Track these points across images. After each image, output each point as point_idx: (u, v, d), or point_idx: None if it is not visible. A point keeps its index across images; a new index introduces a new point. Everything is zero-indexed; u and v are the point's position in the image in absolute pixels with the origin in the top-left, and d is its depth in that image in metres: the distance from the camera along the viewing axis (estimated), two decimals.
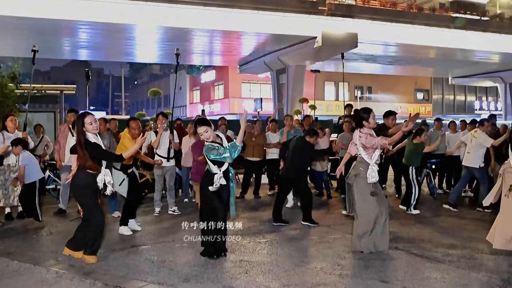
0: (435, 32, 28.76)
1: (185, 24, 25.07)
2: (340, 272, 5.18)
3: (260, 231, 7.29)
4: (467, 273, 5.17)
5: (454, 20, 29.58)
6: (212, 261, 5.58)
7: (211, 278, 4.96)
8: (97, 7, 22.72)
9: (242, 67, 35.08)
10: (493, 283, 4.83)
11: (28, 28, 24.70)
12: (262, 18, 25.65)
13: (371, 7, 27.87)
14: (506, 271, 5.24)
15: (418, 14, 28.71)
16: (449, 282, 4.88)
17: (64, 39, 29.94)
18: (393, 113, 7.93)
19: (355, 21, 27.11)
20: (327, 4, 26.66)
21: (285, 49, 29.37)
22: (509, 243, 6.13)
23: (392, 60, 34.38)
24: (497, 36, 30.51)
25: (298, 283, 4.82)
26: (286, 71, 30.67)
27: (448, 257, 5.76)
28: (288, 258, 5.79)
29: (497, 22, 31.85)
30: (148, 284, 4.81)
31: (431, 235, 6.98)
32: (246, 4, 25.19)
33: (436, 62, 35.66)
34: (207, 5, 24.69)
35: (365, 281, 4.90)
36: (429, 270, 5.29)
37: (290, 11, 26.01)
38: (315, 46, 27.08)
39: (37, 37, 27.64)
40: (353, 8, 27.38)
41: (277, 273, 5.17)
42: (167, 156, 8.55)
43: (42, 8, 22.28)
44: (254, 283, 4.82)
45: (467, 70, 37.95)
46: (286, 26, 26.13)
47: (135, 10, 23.44)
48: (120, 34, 27.28)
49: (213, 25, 25.48)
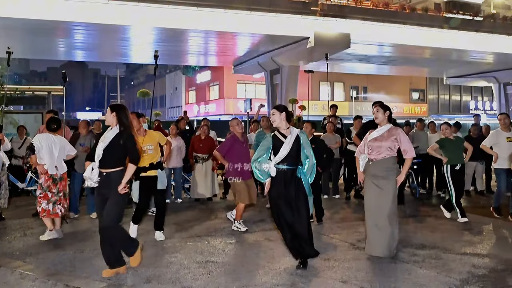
0: (428, 32, 28.79)
1: (178, 25, 25.12)
2: (303, 273, 5.21)
3: (233, 232, 7.33)
4: (428, 273, 5.21)
5: (447, 21, 29.62)
6: (177, 262, 5.63)
7: (173, 279, 5.00)
8: (92, 8, 22.74)
9: (237, 67, 35.12)
10: (451, 283, 4.86)
11: (21, 29, 24.71)
12: (255, 19, 25.68)
13: (364, 8, 27.92)
14: (468, 271, 5.26)
15: (411, 15, 28.75)
16: (407, 282, 4.91)
17: (59, 40, 29.98)
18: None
19: (347, 21, 27.16)
20: (320, 4, 26.71)
21: (278, 50, 29.43)
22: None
23: (386, 60, 34.41)
24: (490, 36, 30.53)
25: (258, 284, 4.86)
26: (280, 72, 30.69)
27: (414, 258, 5.80)
28: (255, 259, 5.83)
29: (491, 22, 31.88)
30: (109, 285, 4.84)
31: (404, 235, 7.00)
32: (239, 5, 25.22)
33: (431, 62, 35.69)
34: (199, 5, 24.74)
35: (325, 281, 4.94)
36: (391, 271, 5.33)
37: (282, 12, 26.07)
38: (308, 46, 27.14)
39: (31, 38, 27.76)
40: (345, 8, 27.43)
41: (240, 273, 5.20)
42: None
43: (36, 9, 22.29)
44: (214, 284, 4.86)
45: (462, 70, 38.01)
46: (278, 26, 26.18)
47: (129, 11, 23.48)
48: (115, 35, 27.33)
49: (205, 25, 25.53)
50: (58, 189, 6.92)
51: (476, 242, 6.70)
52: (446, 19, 30.04)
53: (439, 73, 41.28)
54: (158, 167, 6.70)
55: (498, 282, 4.89)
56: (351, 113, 41.01)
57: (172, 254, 6.04)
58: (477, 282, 4.87)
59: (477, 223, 8.02)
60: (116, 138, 5.00)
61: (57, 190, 6.90)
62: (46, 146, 6.83)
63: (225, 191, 10.97)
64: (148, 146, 6.60)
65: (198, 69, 43.40)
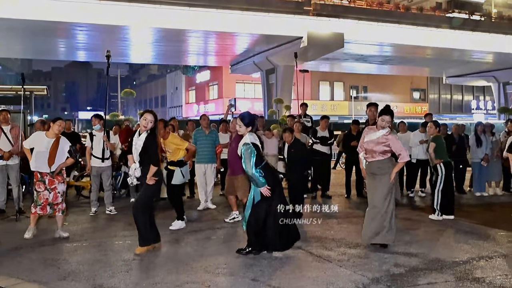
0: (423, 31, 28.71)
1: (174, 25, 25.33)
2: (220, 271, 5.27)
3: (172, 232, 7.31)
4: (344, 271, 5.25)
5: (443, 20, 29.50)
6: (104, 260, 5.72)
7: (87, 277, 5.07)
8: (92, 9, 23.08)
9: (234, 67, 35.27)
10: (360, 281, 4.89)
11: (24, 29, 25.02)
12: (248, 19, 25.77)
13: (357, 7, 27.90)
14: (386, 270, 5.28)
15: (405, 14, 28.71)
16: (318, 280, 4.95)
17: (59, 40, 30.32)
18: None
19: (341, 21, 27.16)
20: (313, 4, 26.73)
21: (273, 49, 29.54)
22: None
23: (383, 60, 34.35)
24: (487, 35, 30.35)
25: (169, 281, 4.92)
26: (275, 71, 30.76)
27: (340, 257, 5.83)
28: (182, 257, 5.89)
29: (490, 21, 31.70)
30: (23, 282, 4.93)
31: (346, 235, 7.03)
32: (232, 5, 25.34)
33: (430, 62, 35.57)
34: (192, 5, 24.88)
35: (236, 280, 5.00)
36: (309, 269, 5.37)
37: (275, 11, 26.13)
38: (301, 46, 27.16)
39: (33, 39, 28.12)
40: (338, 8, 27.45)
41: (158, 271, 5.27)
42: (101, 156, 8.72)
43: (38, 10, 22.57)
44: (125, 281, 4.93)
45: (461, 69, 37.83)
46: (272, 26, 26.28)
47: (129, 12, 23.79)
48: (115, 35, 27.65)
49: (200, 25, 25.70)
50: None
51: (414, 241, 6.71)
52: (441, 18, 29.92)
53: (439, 73, 41.09)
54: (177, 165, 7.56)
55: (408, 282, 4.91)
56: (351, 113, 40.99)
57: (104, 252, 6.13)
58: (387, 281, 4.90)
59: (427, 223, 8.02)
60: (146, 141, 5.92)
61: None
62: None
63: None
64: (168, 149, 7.64)
65: (198, 68, 43.60)
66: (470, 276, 5.14)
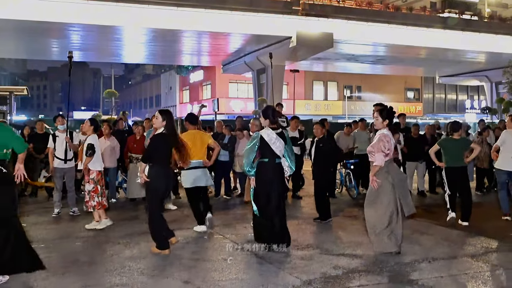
0: (414, 31, 28.69)
1: (164, 25, 25.39)
2: (154, 273, 5.27)
3: (128, 233, 7.37)
4: (280, 272, 5.25)
5: (434, 19, 29.46)
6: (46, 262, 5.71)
7: (25, 279, 5.05)
8: (86, 9, 23.18)
9: (225, 67, 35.30)
10: (292, 283, 4.88)
11: (16, 29, 25.10)
12: (237, 19, 25.79)
13: (346, 7, 27.89)
14: (323, 272, 5.26)
15: (395, 14, 28.66)
16: (250, 282, 4.94)
17: (53, 40, 30.40)
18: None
19: (330, 21, 27.15)
20: (301, 4, 26.72)
21: (263, 49, 29.52)
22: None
23: (374, 60, 34.32)
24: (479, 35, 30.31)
25: (99, 284, 4.92)
26: (266, 71, 30.75)
27: (283, 259, 5.82)
28: (121, 260, 5.81)
29: (482, 21, 31.66)
30: None
31: (300, 237, 7.00)
32: (221, 5, 25.36)
33: (422, 61, 35.54)
34: (180, 5, 24.93)
35: (168, 281, 4.99)
36: (246, 271, 5.37)
37: (264, 11, 26.14)
38: (290, 46, 27.20)
39: (26, 39, 28.19)
40: (327, 8, 27.43)
41: (95, 273, 5.27)
42: (64, 158, 8.71)
43: (30, 10, 22.66)
44: (55, 284, 4.93)
45: (454, 69, 37.80)
46: (261, 26, 26.31)
47: (122, 12, 23.89)
48: (109, 35, 27.73)
49: (187, 25, 25.74)
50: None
51: (365, 243, 6.67)
52: (433, 17, 29.88)
53: (432, 72, 41.05)
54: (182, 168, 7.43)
55: (339, 284, 4.89)
56: (345, 113, 40.96)
57: (50, 253, 6.12)
58: (318, 284, 4.88)
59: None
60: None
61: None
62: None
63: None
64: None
65: (191, 68, 43.62)
66: (405, 278, 5.12)
